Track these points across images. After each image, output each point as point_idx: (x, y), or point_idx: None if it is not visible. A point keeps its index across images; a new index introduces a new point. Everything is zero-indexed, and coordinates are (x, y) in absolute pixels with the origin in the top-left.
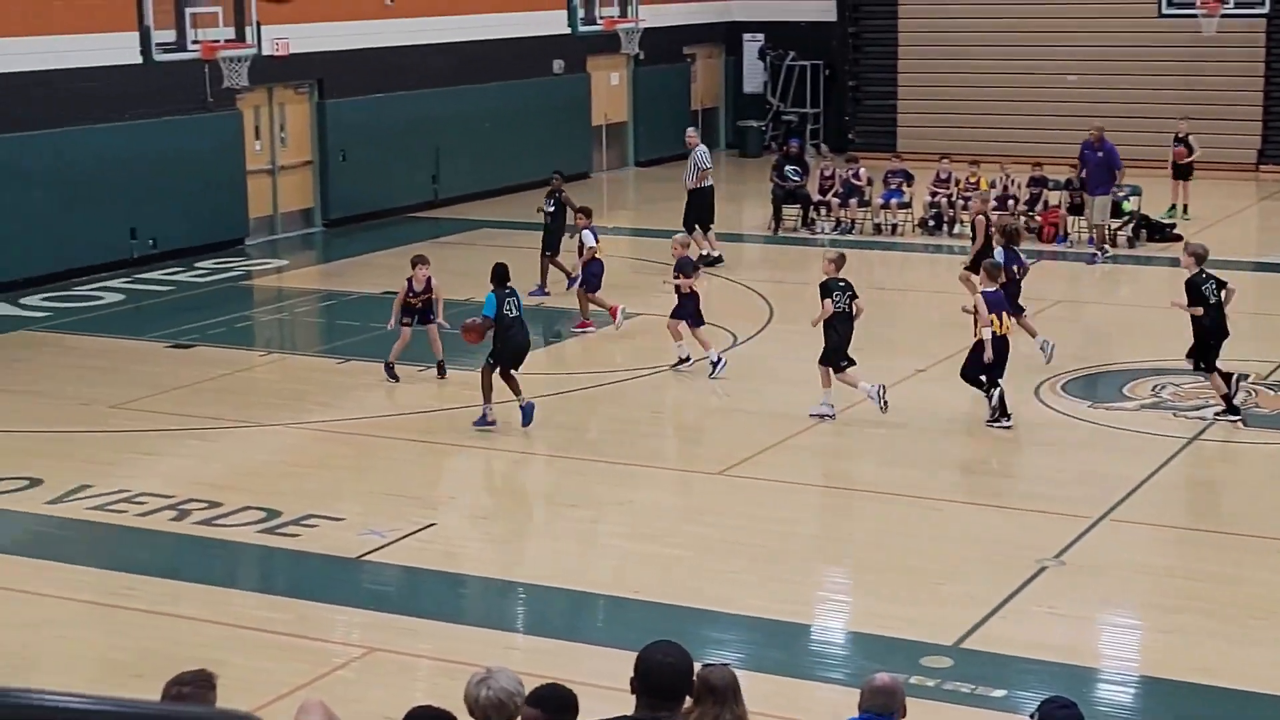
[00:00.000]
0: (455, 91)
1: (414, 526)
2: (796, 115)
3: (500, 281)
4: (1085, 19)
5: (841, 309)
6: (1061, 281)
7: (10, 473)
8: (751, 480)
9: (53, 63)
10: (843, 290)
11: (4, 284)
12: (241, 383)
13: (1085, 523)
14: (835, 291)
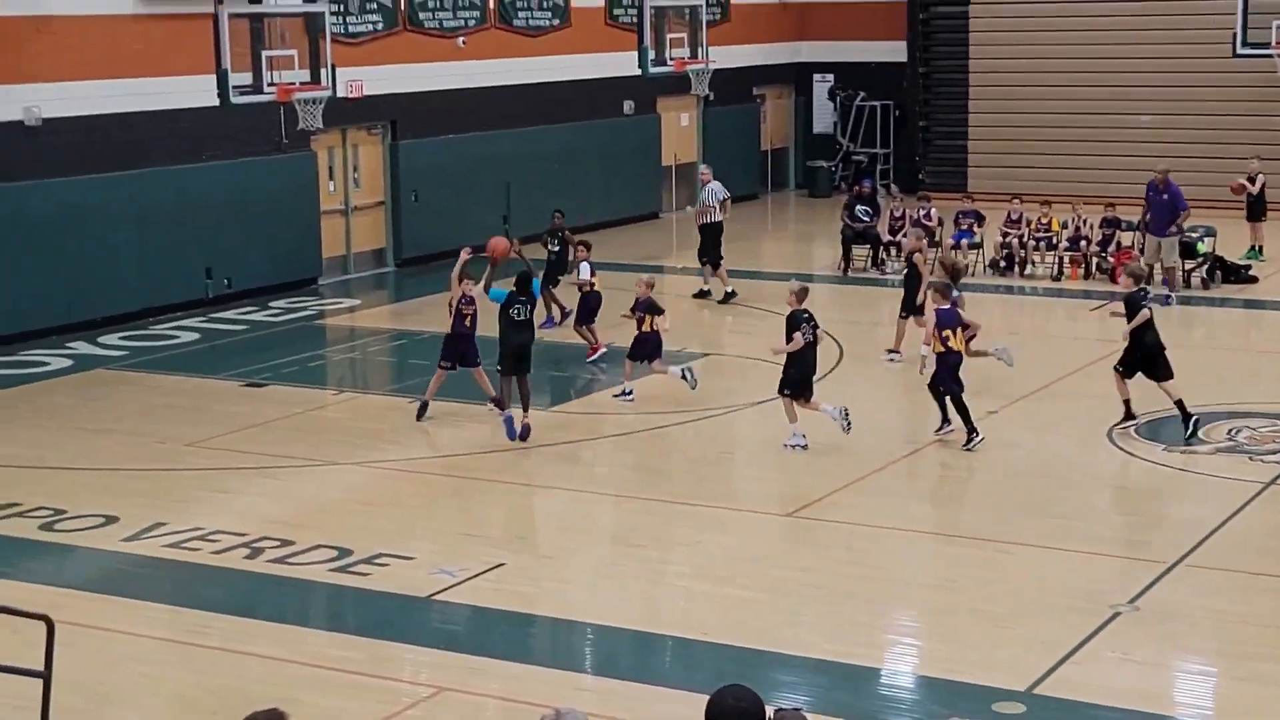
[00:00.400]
0: (526, 132)
1: (483, 566)
2: (866, 155)
3: (519, 286)
4: (1158, 59)
5: (809, 340)
6: None
7: (87, 510)
8: (821, 522)
9: (132, 105)
10: (807, 322)
11: (83, 323)
12: (314, 421)
13: (1160, 568)
14: (802, 324)
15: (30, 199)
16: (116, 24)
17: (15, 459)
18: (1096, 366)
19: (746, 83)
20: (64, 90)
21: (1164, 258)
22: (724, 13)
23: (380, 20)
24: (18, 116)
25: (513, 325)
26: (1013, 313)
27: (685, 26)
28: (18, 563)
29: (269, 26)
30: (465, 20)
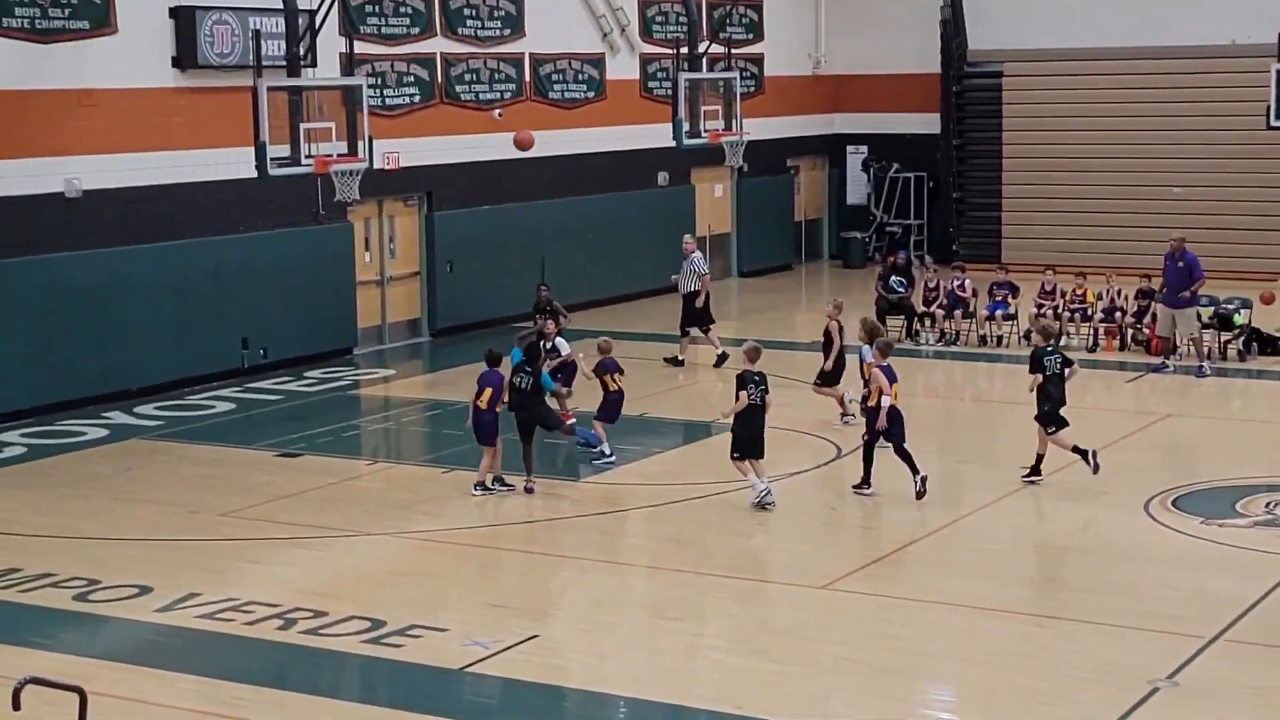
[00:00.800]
0: (561, 203)
1: (517, 638)
2: (900, 227)
3: (528, 359)
4: (1192, 130)
5: (755, 402)
6: (1172, 395)
7: (122, 580)
8: (856, 595)
9: (171, 177)
10: (757, 384)
11: (119, 393)
12: (347, 492)
13: (1199, 642)
14: (750, 384)
15: (68, 270)
16: (157, 97)
17: (51, 529)
18: (1133, 439)
19: (780, 154)
20: (104, 162)
21: (1180, 329)
22: (758, 85)
23: (417, 93)
24: (58, 188)
25: (520, 399)
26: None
27: (719, 99)
28: (51, 633)
29: (307, 99)
30: (501, 93)
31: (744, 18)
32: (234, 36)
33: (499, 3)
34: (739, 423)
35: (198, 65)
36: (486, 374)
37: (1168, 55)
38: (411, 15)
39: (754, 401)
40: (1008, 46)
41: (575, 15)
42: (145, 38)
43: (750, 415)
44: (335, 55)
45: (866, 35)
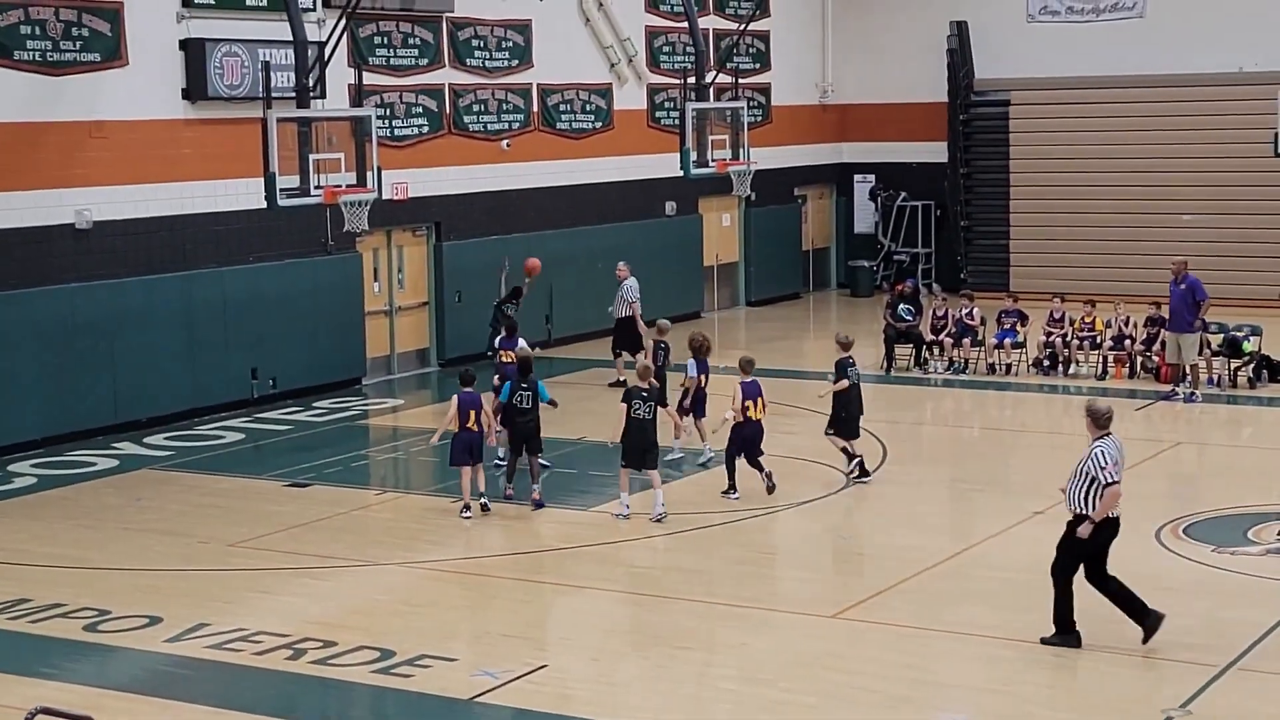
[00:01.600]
0: (569, 233)
1: (526, 668)
2: (908, 255)
3: (521, 373)
4: (1199, 157)
5: (642, 416)
6: (1182, 423)
7: (131, 610)
8: (868, 624)
9: (180, 208)
10: (644, 399)
11: (129, 423)
12: (356, 522)
13: (1211, 671)
14: (636, 400)
15: (78, 300)
16: (167, 128)
17: (61, 559)
18: (1143, 467)
19: (788, 183)
20: (114, 194)
21: (1185, 355)
22: (765, 114)
23: (425, 124)
24: (69, 220)
25: (522, 414)
26: (1057, 412)
27: (726, 128)
28: (61, 664)
29: (316, 130)
30: (509, 123)
31: (751, 47)
32: (244, 68)
33: (507, 34)
34: (627, 436)
35: (208, 97)
36: (465, 395)
37: (1175, 83)
38: (420, 47)
39: (640, 416)
40: (1014, 75)
41: (583, 46)
42: (156, 70)
43: (638, 429)
44: (344, 87)
45: (873, 64)
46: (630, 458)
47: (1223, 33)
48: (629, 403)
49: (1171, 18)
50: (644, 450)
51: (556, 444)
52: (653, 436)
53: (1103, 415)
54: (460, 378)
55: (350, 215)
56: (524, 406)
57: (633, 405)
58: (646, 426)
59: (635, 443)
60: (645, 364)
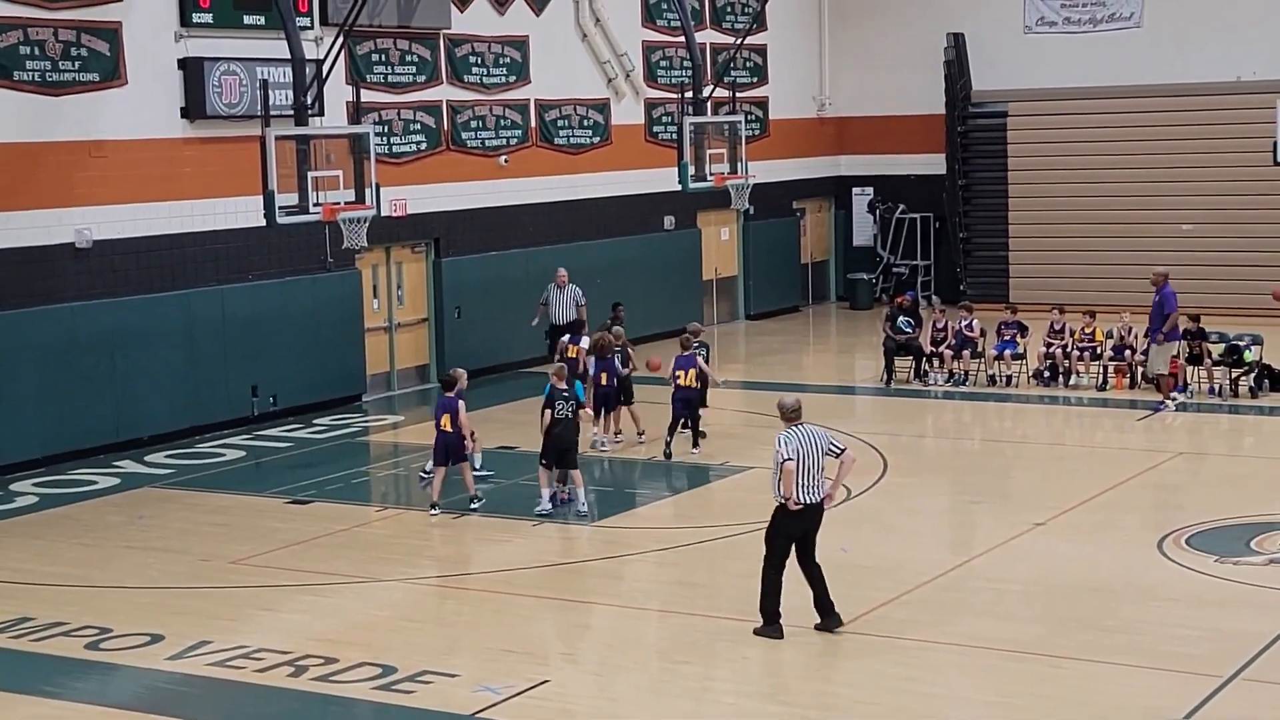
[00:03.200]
0: (568, 248)
1: (528, 683)
2: (907, 267)
3: (556, 381)
4: (1199, 167)
5: (563, 416)
6: (1184, 433)
7: (133, 628)
8: (869, 636)
9: (180, 227)
10: (566, 400)
11: (130, 442)
12: (357, 538)
13: (1215, 682)
14: (559, 400)
15: (79, 319)
16: (166, 147)
17: (62, 578)
18: (1145, 477)
19: (786, 196)
20: (114, 213)
21: (1151, 364)
22: (763, 128)
23: (424, 140)
24: (69, 239)
25: (558, 423)
26: (1057, 423)
27: (724, 142)
28: (63, 682)
29: (315, 148)
30: (507, 139)
31: (748, 61)
32: (242, 87)
33: (504, 50)
34: (549, 435)
35: (206, 116)
36: (440, 400)
37: (1174, 92)
38: (418, 63)
39: (562, 417)
40: (1012, 86)
41: (580, 61)
42: (154, 89)
43: (560, 429)
44: (342, 104)
45: (871, 77)
46: (550, 457)
47: (1221, 42)
48: (551, 405)
49: (1169, 27)
50: (564, 450)
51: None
52: (573, 437)
53: (788, 409)
54: (443, 383)
55: (349, 232)
56: (561, 415)
57: (555, 406)
58: (567, 427)
59: (560, 444)
60: (561, 365)
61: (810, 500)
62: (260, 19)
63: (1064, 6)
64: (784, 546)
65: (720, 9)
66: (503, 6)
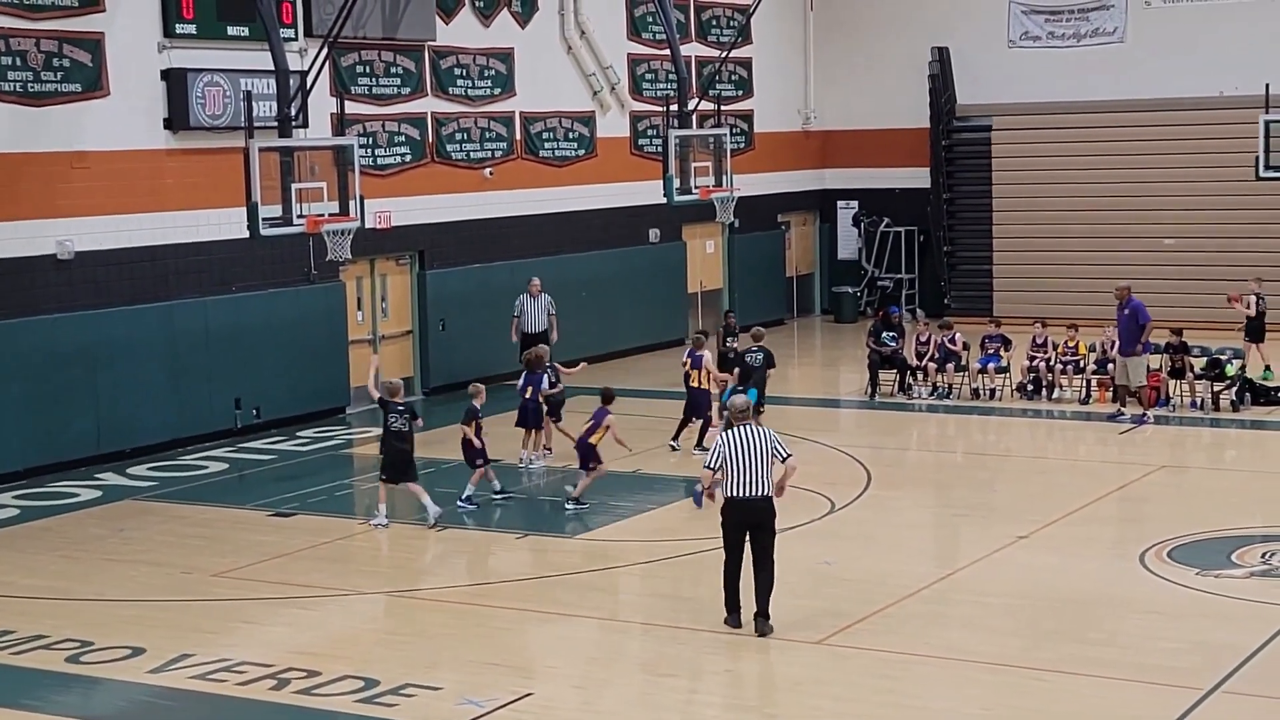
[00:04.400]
0: (553, 261)
1: (511, 696)
2: (891, 281)
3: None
4: (1182, 181)
5: (397, 428)
6: (1165, 446)
7: (114, 641)
8: (853, 649)
9: (163, 238)
10: (401, 413)
11: (112, 454)
12: (340, 551)
13: (1196, 694)
14: (393, 414)
15: (61, 331)
16: (149, 158)
17: (44, 591)
18: (1127, 490)
19: (771, 210)
20: (96, 224)
21: (1131, 377)
22: (748, 141)
23: (408, 152)
24: (51, 250)
25: (389, 435)
26: (1040, 436)
27: (709, 155)
28: (44, 695)
29: (298, 159)
30: (492, 151)
31: (733, 74)
32: (225, 98)
33: (489, 62)
34: (384, 448)
35: (189, 127)
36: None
37: (1156, 107)
38: (402, 75)
39: (397, 430)
40: (996, 100)
41: (565, 74)
42: (137, 100)
43: (394, 442)
44: (327, 116)
45: (856, 90)
46: (388, 471)
47: (1203, 57)
48: (387, 415)
49: (1152, 43)
50: (404, 463)
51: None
52: (409, 450)
53: (735, 409)
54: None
55: (333, 244)
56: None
57: (389, 420)
58: (404, 440)
59: (394, 457)
60: (397, 382)
61: (745, 495)
62: (244, 30)
63: (1048, 21)
64: (731, 537)
65: (705, 22)
66: (488, 19)
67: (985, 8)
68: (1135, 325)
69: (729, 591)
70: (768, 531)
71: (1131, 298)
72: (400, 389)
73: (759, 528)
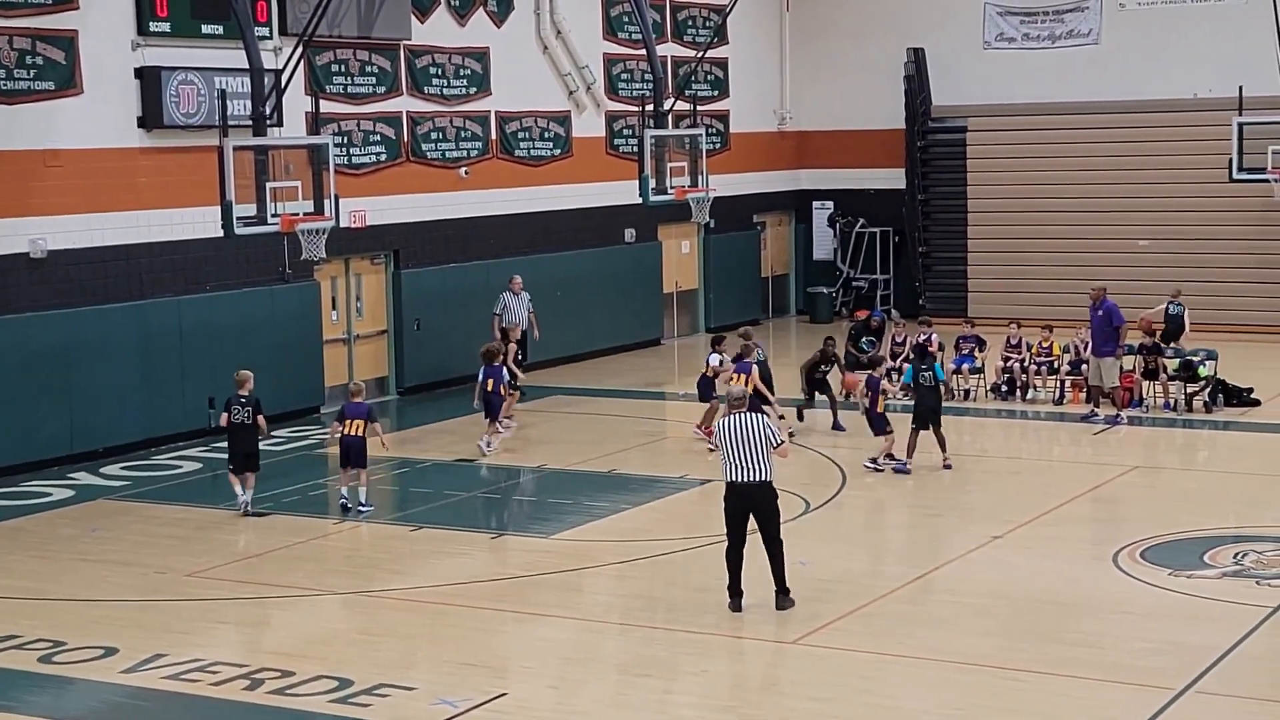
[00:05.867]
0: (528, 260)
1: (486, 696)
2: (866, 281)
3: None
4: (1156, 183)
5: (239, 420)
6: (1138, 447)
7: (87, 641)
8: (828, 649)
9: (137, 237)
10: (243, 405)
11: (85, 454)
12: (315, 551)
13: (1168, 694)
14: (235, 406)
15: (33, 330)
16: (122, 157)
17: (16, 590)
18: (1100, 491)
19: (747, 210)
20: (69, 223)
21: (1105, 378)
22: (724, 141)
23: (383, 151)
24: (23, 249)
25: (235, 429)
26: (1014, 437)
27: (685, 155)
28: (16, 695)
29: (273, 158)
30: (467, 151)
31: (709, 75)
32: (199, 96)
33: (465, 61)
34: (230, 441)
35: (163, 125)
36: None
37: (1131, 109)
38: (378, 74)
39: (239, 421)
40: (971, 102)
41: (541, 73)
42: (111, 98)
43: (238, 434)
44: (301, 114)
45: (831, 91)
46: (235, 462)
47: (1178, 59)
48: (228, 410)
49: (1127, 44)
50: (246, 454)
51: (516, 472)
52: (253, 440)
53: (733, 398)
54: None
55: (308, 243)
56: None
57: (231, 411)
58: (246, 431)
59: (240, 448)
60: (245, 373)
61: (743, 480)
62: (218, 28)
63: (1023, 23)
64: (731, 523)
65: (681, 22)
66: (464, 18)
67: (961, 9)
68: (1109, 327)
69: (731, 576)
70: (769, 514)
71: (1106, 299)
72: (247, 381)
73: (759, 512)
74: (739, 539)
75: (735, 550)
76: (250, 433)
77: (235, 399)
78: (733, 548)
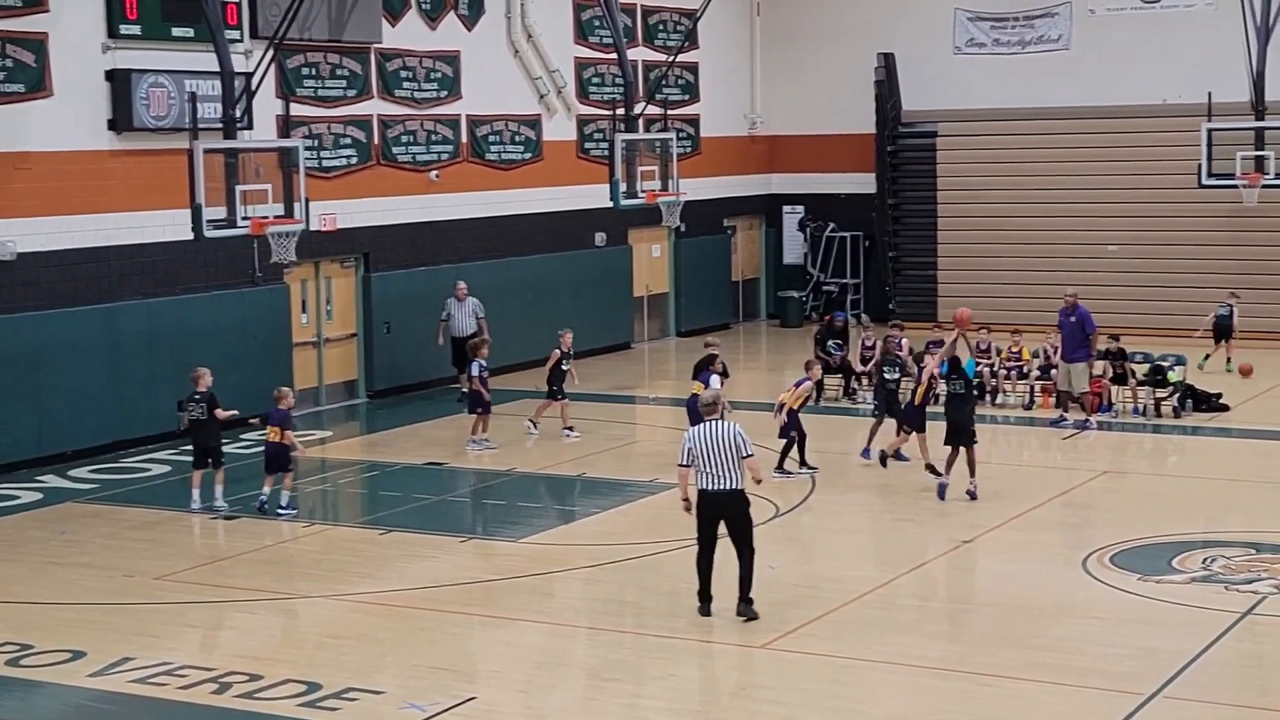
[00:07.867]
0: (498, 264)
1: (454, 700)
2: (837, 286)
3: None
4: (1125, 189)
5: (195, 416)
6: (1107, 452)
7: (54, 645)
8: (798, 654)
9: (107, 239)
10: (197, 402)
11: (53, 456)
12: (283, 554)
13: (1138, 699)
14: (191, 403)
15: (1, 332)
16: (92, 159)
17: None
18: (1069, 496)
19: (717, 214)
20: (39, 225)
21: (1074, 383)
22: (694, 145)
23: (354, 154)
24: None
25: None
26: (984, 442)
27: (656, 159)
28: None
29: (243, 161)
30: (438, 154)
31: (680, 79)
32: (170, 99)
33: (435, 65)
34: (191, 438)
35: (134, 128)
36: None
37: (1100, 115)
38: (348, 78)
39: (195, 417)
40: (941, 107)
41: (512, 77)
42: (81, 101)
43: (196, 431)
44: (272, 118)
45: (802, 96)
46: (197, 458)
47: (1147, 65)
48: (183, 409)
49: (1097, 50)
50: (205, 450)
51: (486, 475)
52: (216, 435)
53: (704, 403)
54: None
55: (278, 246)
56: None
57: (187, 409)
58: (203, 428)
59: (201, 444)
60: (201, 369)
61: (714, 488)
62: (189, 31)
63: (993, 28)
64: (702, 531)
65: (652, 27)
66: (434, 21)
67: (931, 15)
68: (1081, 333)
69: (701, 581)
70: (741, 521)
71: (1079, 305)
72: (202, 377)
73: (731, 518)
74: (709, 545)
75: (705, 556)
76: (209, 428)
77: (190, 396)
78: (703, 554)
